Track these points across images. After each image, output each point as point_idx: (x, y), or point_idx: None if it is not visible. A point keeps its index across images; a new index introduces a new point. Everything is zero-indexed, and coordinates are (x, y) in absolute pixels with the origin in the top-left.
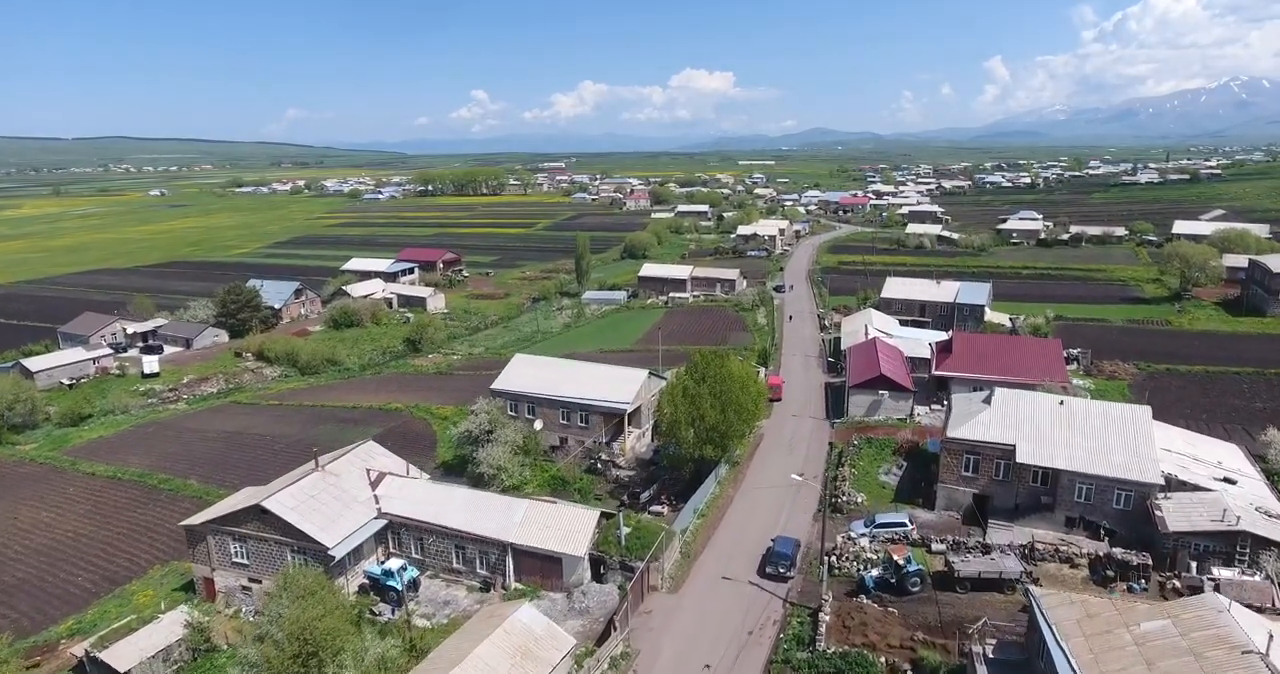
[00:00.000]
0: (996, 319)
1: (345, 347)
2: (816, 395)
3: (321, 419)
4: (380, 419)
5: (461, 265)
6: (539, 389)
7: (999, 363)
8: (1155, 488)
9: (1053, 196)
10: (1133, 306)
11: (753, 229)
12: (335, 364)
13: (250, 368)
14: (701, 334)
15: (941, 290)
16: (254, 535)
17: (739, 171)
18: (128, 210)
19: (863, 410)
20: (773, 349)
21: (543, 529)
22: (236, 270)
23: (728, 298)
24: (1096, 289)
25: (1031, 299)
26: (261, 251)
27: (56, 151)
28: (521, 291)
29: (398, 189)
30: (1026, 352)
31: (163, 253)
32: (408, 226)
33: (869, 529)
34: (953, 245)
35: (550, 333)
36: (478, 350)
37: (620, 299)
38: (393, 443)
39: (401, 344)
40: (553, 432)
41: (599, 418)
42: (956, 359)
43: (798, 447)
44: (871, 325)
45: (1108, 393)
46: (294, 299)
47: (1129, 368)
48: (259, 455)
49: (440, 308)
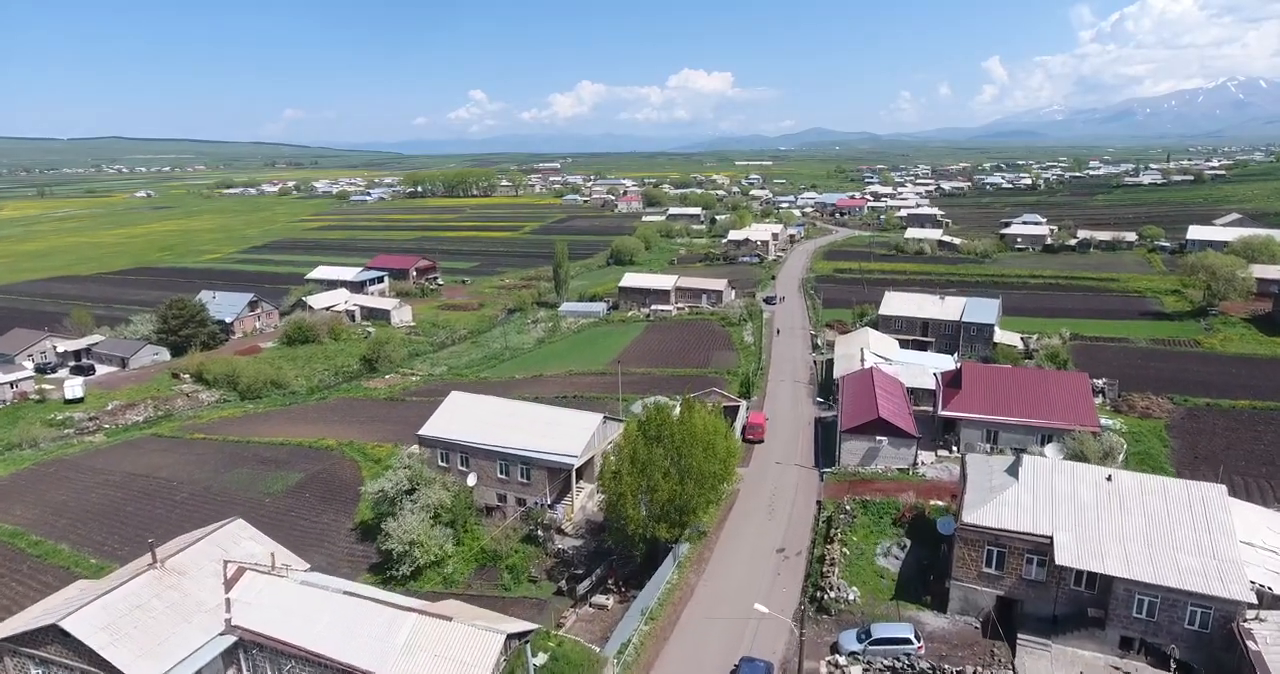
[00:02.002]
0: (1007, 340)
1: (295, 366)
2: (804, 434)
3: (240, 459)
4: (305, 460)
5: (436, 273)
6: (474, 436)
7: (1016, 401)
8: (1243, 606)
9: (1055, 198)
10: (1155, 323)
11: (744, 234)
12: (280, 387)
13: (186, 391)
14: (682, 353)
15: (946, 307)
16: (57, 661)
17: (736, 172)
18: (108, 212)
19: (857, 458)
20: (757, 375)
21: (432, 660)
22: (204, 277)
23: (714, 310)
24: (1112, 302)
25: (1042, 313)
26: (235, 256)
27: (51, 152)
28: (498, 302)
29: (387, 191)
30: (1048, 387)
31: (132, 258)
32: (391, 230)
33: (862, 646)
34: (954, 251)
35: (521, 350)
36: (439, 370)
37: (599, 311)
38: (312, 494)
39: (358, 363)
40: (489, 488)
41: (542, 473)
42: (966, 396)
43: (779, 506)
44: (868, 349)
45: (1144, 438)
46: (248, 312)
47: (1163, 402)
48: (155, 509)
49: (406, 321)
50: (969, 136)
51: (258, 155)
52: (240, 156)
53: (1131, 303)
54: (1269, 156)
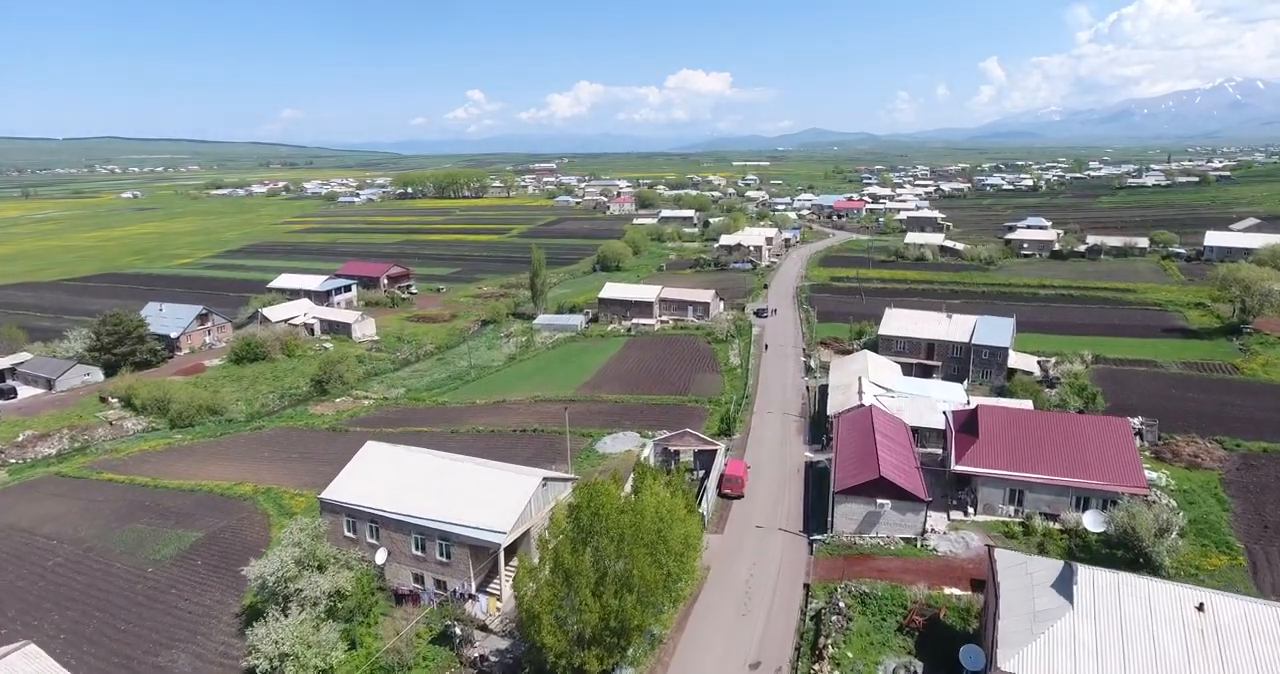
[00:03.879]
0: (1022, 364)
1: (239, 388)
2: (792, 486)
3: (140, 509)
4: (212, 513)
5: (410, 281)
6: (386, 503)
7: (1045, 453)
8: None
9: (1057, 200)
10: (1182, 342)
11: (737, 239)
12: (216, 413)
13: (111, 419)
14: (661, 375)
15: (954, 327)
16: None
17: (733, 172)
18: (91, 214)
19: (854, 525)
20: (742, 405)
21: None
22: (167, 284)
23: (700, 324)
24: (1131, 317)
25: (1055, 329)
26: (207, 261)
27: (46, 152)
28: (472, 312)
29: (377, 192)
30: (1083, 436)
31: (102, 263)
32: (375, 233)
33: None
34: (957, 257)
35: (489, 368)
36: (396, 393)
37: (577, 325)
38: (205, 561)
39: (307, 384)
40: (404, 566)
41: (464, 552)
42: (985, 447)
43: (758, 593)
44: (867, 377)
45: (1196, 497)
46: (197, 325)
47: (1211, 447)
48: (15, 582)
49: (369, 335)
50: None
51: (254, 155)
52: (235, 157)
53: (1152, 317)
54: (1270, 157)
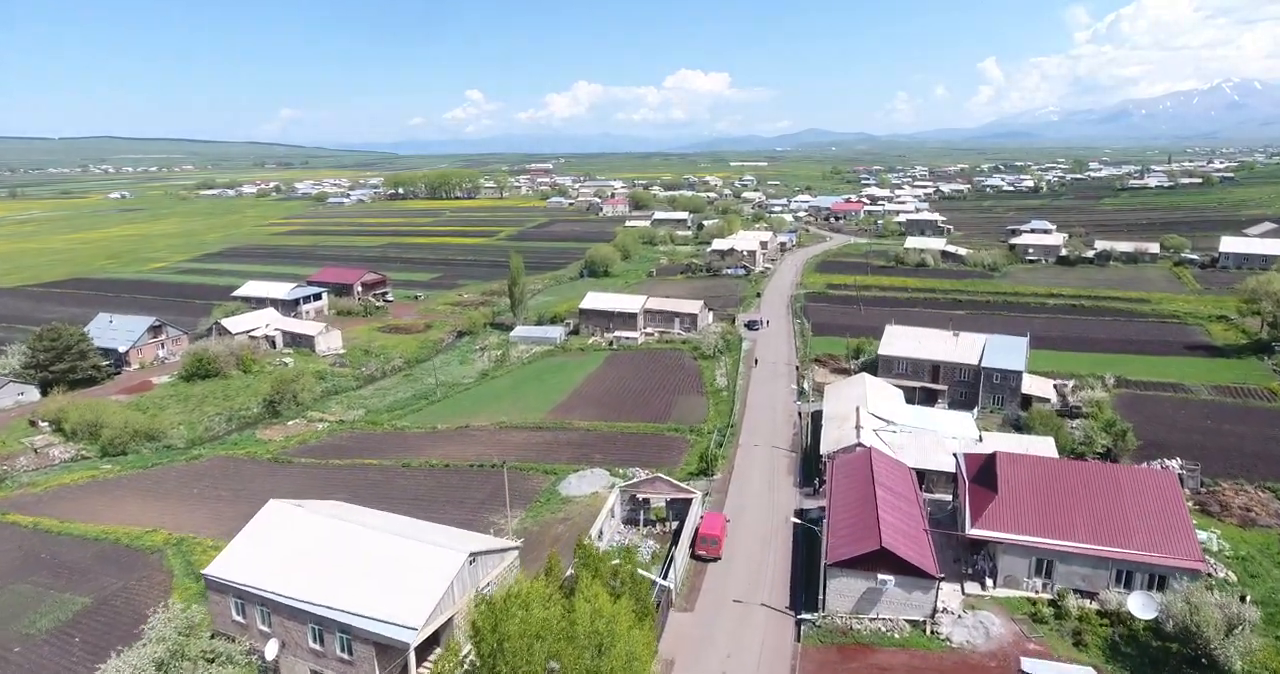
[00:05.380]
0: (1038, 388)
1: (185, 409)
2: (780, 542)
3: (34, 563)
4: (111, 570)
5: (386, 288)
6: (280, 583)
7: (1077, 515)
8: None
9: (1059, 202)
10: (1209, 362)
11: (730, 243)
12: (153, 440)
13: (37, 445)
14: (641, 397)
15: (961, 347)
16: None
17: (730, 173)
18: (74, 215)
19: (850, 603)
20: (727, 437)
21: None
22: (138, 289)
23: (686, 338)
24: (1148, 331)
25: (1069, 345)
26: (181, 265)
27: (41, 151)
28: (448, 322)
29: (369, 192)
30: (1121, 492)
31: (73, 267)
32: (360, 235)
33: None
34: (959, 263)
35: (458, 386)
36: (354, 415)
37: (555, 338)
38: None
39: (259, 405)
40: (301, 661)
41: (369, 650)
42: (1005, 505)
43: None
44: (865, 407)
45: (1257, 567)
46: (149, 338)
47: (1264, 497)
48: None
49: (333, 348)
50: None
51: (251, 155)
52: (232, 156)
53: (1170, 331)
54: (1271, 158)
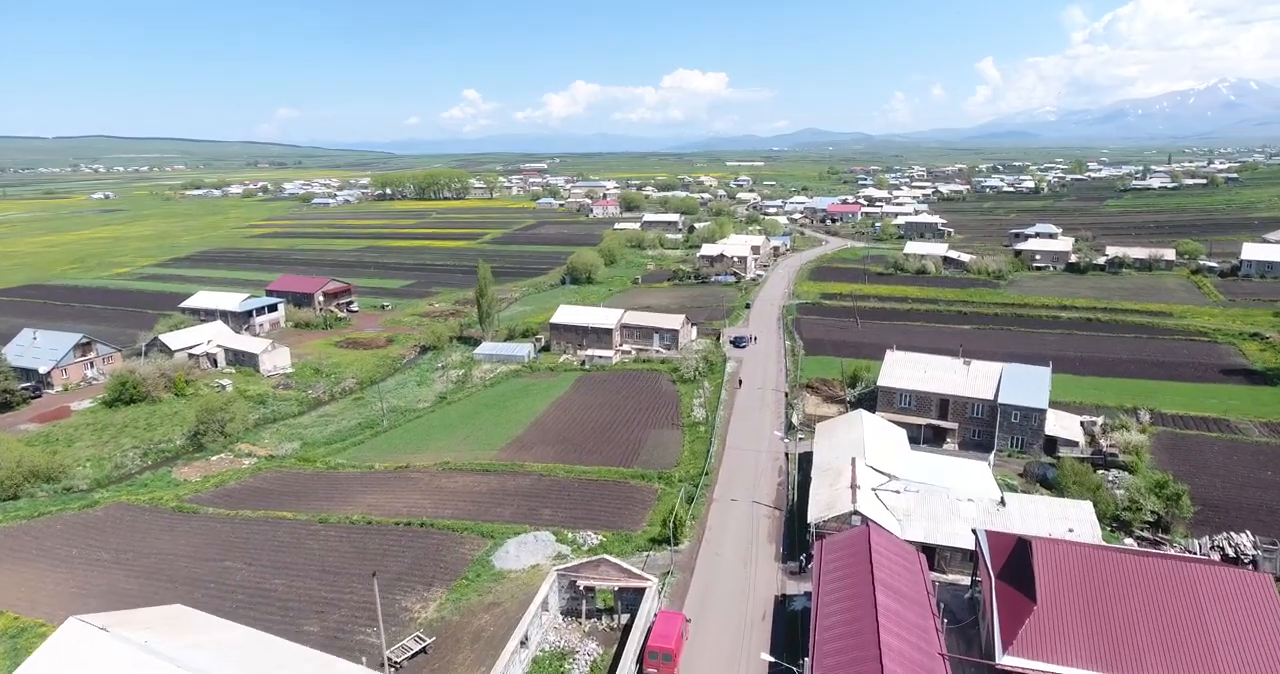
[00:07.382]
0: (1063, 429)
1: (99, 442)
2: (754, 649)
3: None
4: None
5: (351, 297)
6: None
7: (1140, 633)
8: None
9: (1061, 204)
10: (1251, 389)
11: (720, 248)
12: (52, 481)
13: None
14: (609, 430)
15: (973, 378)
16: None
17: (726, 173)
18: (52, 216)
19: None
20: (697, 491)
21: None
22: (93, 298)
23: (666, 357)
24: (1175, 350)
25: (1089, 368)
26: (146, 271)
27: (34, 151)
28: (413, 335)
29: (356, 193)
30: (1198, 601)
31: (35, 271)
32: (339, 237)
33: None
34: (962, 270)
35: (410, 412)
36: (290, 447)
37: (523, 356)
38: None
39: (183, 436)
40: None
41: None
42: (1046, 621)
43: None
44: (863, 458)
45: None
46: (75, 358)
47: None
48: None
49: (280, 366)
50: (963, 137)
51: (246, 155)
52: (226, 156)
53: (1200, 350)
54: (1271, 158)
